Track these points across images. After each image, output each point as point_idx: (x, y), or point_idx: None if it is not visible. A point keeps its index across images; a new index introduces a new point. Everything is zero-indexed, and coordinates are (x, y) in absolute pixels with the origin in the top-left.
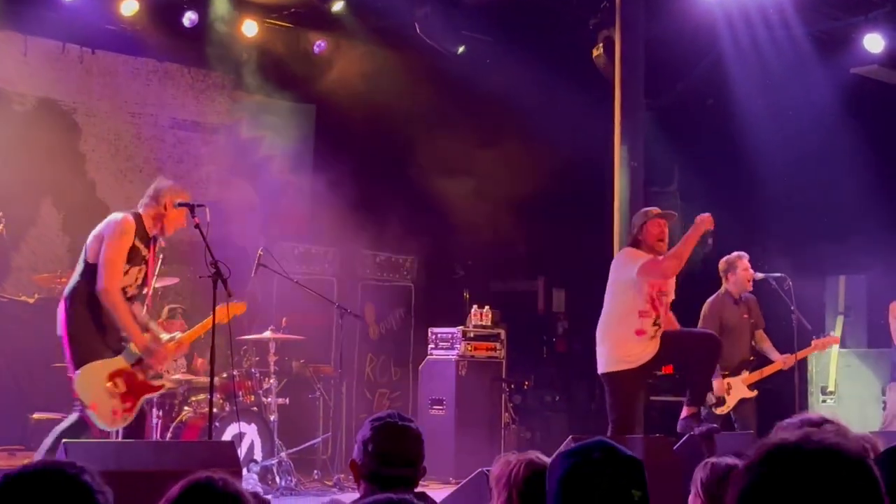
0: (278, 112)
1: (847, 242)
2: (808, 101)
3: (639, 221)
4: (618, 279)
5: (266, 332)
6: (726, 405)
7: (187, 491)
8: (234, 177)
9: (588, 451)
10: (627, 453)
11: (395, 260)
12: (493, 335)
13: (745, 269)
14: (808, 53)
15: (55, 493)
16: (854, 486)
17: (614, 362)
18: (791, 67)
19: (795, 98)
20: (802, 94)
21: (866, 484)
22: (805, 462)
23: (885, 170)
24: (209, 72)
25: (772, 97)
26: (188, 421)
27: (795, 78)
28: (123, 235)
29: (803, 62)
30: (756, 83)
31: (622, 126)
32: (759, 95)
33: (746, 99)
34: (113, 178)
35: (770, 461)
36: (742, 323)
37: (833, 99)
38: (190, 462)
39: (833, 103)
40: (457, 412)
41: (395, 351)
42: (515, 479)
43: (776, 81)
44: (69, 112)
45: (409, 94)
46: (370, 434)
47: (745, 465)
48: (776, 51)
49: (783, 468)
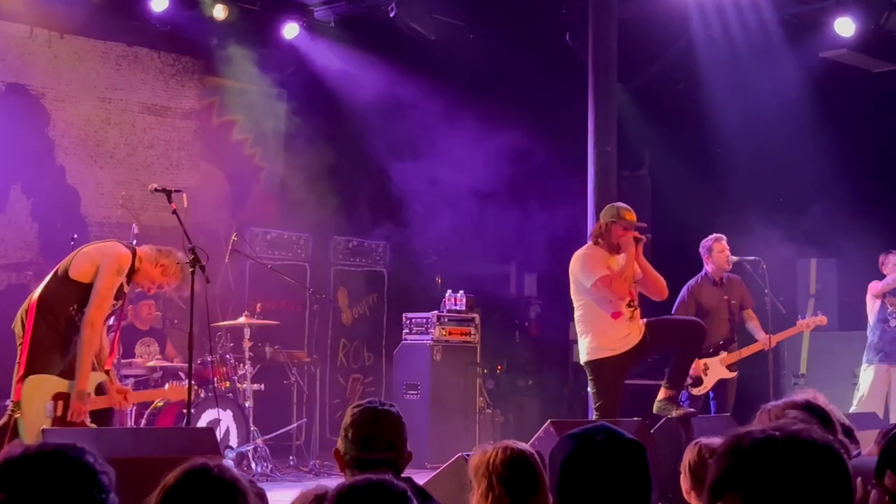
0: (249, 97)
1: (817, 226)
2: (778, 85)
3: (608, 219)
4: (577, 281)
5: (241, 318)
6: (703, 385)
7: (184, 478)
8: (205, 162)
9: (591, 435)
10: (629, 437)
11: (367, 245)
12: (468, 319)
13: (722, 251)
14: (778, 37)
15: (58, 475)
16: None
17: (598, 350)
18: (761, 51)
19: (765, 82)
20: (772, 78)
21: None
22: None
23: (854, 154)
24: (179, 56)
25: (742, 81)
26: (163, 407)
27: (765, 62)
28: (120, 273)
29: (773, 46)
30: (726, 67)
31: (595, 110)
32: (730, 79)
33: (717, 83)
34: (82, 163)
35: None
36: (721, 304)
37: (802, 83)
38: (169, 449)
39: (803, 87)
40: (431, 397)
41: (368, 336)
42: (494, 465)
43: (746, 65)
44: (38, 97)
45: (381, 79)
46: (350, 420)
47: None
48: (747, 35)
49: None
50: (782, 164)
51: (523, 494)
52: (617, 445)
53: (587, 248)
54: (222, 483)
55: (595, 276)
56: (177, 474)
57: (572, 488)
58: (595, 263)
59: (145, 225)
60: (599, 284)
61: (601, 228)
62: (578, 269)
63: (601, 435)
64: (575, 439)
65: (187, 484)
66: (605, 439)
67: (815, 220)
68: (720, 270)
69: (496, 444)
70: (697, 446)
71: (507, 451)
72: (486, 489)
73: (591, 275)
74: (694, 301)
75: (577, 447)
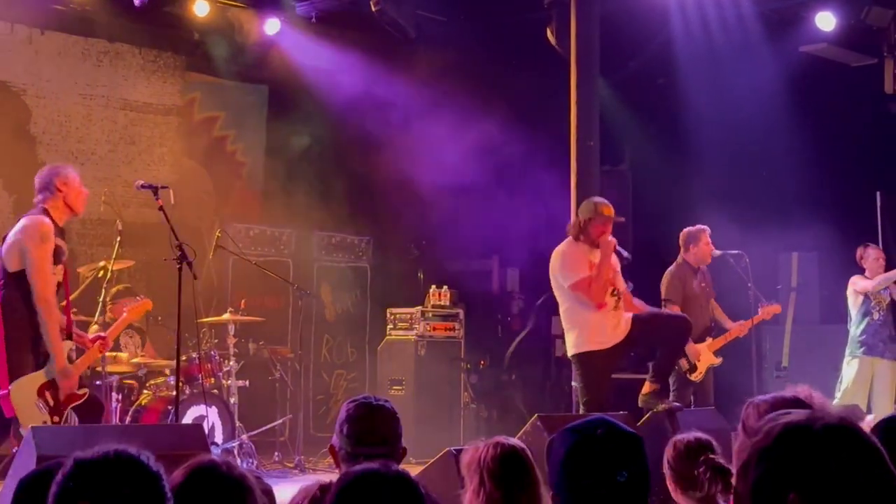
0: (231, 93)
1: (798, 220)
2: (758, 79)
3: (588, 214)
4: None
5: (226, 314)
6: (698, 371)
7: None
8: (188, 158)
9: (590, 428)
10: (628, 430)
11: (350, 241)
12: (452, 315)
13: (707, 244)
14: (758, 32)
15: (132, 481)
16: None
17: (585, 343)
18: (741, 46)
19: (745, 76)
20: (752, 72)
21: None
22: (825, 438)
23: (834, 148)
24: (161, 52)
25: (722, 75)
26: (147, 405)
27: (745, 56)
28: (45, 239)
29: (754, 41)
30: (707, 61)
31: (577, 104)
32: (710, 74)
33: (697, 77)
34: (64, 160)
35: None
36: (701, 292)
37: (782, 77)
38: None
39: (782, 82)
40: (416, 392)
41: (351, 332)
42: (485, 462)
43: (726, 60)
44: (18, 93)
45: (362, 74)
46: (345, 416)
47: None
48: (727, 29)
49: (804, 447)
50: (763, 158)
51: (515, 490)
52: (617, 438)
53: (567, 244)
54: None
55: (573, 278)
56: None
57: (574, 482)
58: (574, 263)
59: (128, 222)
60: (577, 287)
61: (580, 225)
62: (558, 267)
63: (601, 428)
64: (575, 433)
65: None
66: (605, 432)
67: (796, 215)
68: (701, 261)
69: (487, 441)
70: (672, 442)
71: (498, 447)
72: (478, 485)
73: (569, 276)
74: (682, 287)
75: (576, 441)
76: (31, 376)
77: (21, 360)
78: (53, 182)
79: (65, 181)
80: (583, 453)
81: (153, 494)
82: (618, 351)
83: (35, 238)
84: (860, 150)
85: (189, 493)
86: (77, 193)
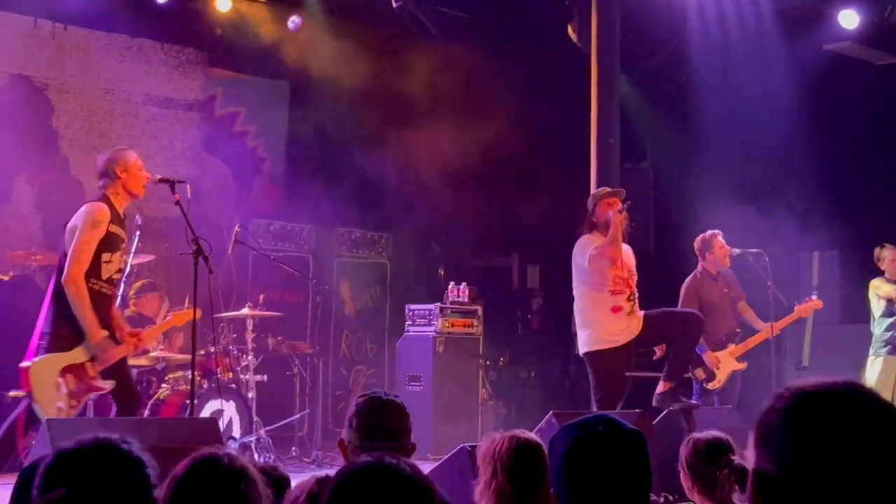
0: (252, 88)
1: (820, 219)
2: (781, 77)
3: (591, 205)
4: (578, 267)
5: (244, 309)
6: (717, 380)
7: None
8: (209, 153)
9: (592, 425)
10: (630, 427)
11: (370, 237)
12: (471, 311)
13: (722, 247)
14: (781, 30)
15: (110, 467)
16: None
17: (596, 342)
18: (764, 44)
19: (768, 74)
20: (774, 71)
21: None
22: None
23: (858, 146)
24: (183, 48)
25: (745, 73)
26: (166, 398)
27: (768, 54)
28: (98, 225)
29: (777, 39)
30: (729, 59)
31: (598, 102)
32: (733, 71)
33: (719, 74)
34: (86, 155)
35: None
36: (723, 298)
37: (806, 75)
38: (172, 439)
39: (806, 80)
40: (434, 388)
41: (370, 328)
42: (499, 454)
43: (749, 57)
44: (41, 88)
45: (384, 70)
46: (354, 410)
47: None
48: (750, 27)
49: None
50: (784, 156)
51: (527, 484)
52: (618, 435)
53: (584, 238)
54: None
55: (586, 254)
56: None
57: (573, 478)
58: (587, 244)
59: (148, 216)
60: (594, 255)
61: (590, 216)
62: (577, 252)
63: (602, 425)
64: (575, 430)
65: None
66: (605, 429)
67: (817, 213)
68: (719, 266)
69: (505, 433)
70: (690, 441)
71: (514, 440)
72: (491, 477)
73: (585, 252)
74: (697, 299)
75: (577, 438)
76: (61, 355)
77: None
78: (113, 169)
79: (124, 167)
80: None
81: (134, 479)
82: (630, 348)
83: (88, 222)
84: (882, 149)
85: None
86: (136, 178)
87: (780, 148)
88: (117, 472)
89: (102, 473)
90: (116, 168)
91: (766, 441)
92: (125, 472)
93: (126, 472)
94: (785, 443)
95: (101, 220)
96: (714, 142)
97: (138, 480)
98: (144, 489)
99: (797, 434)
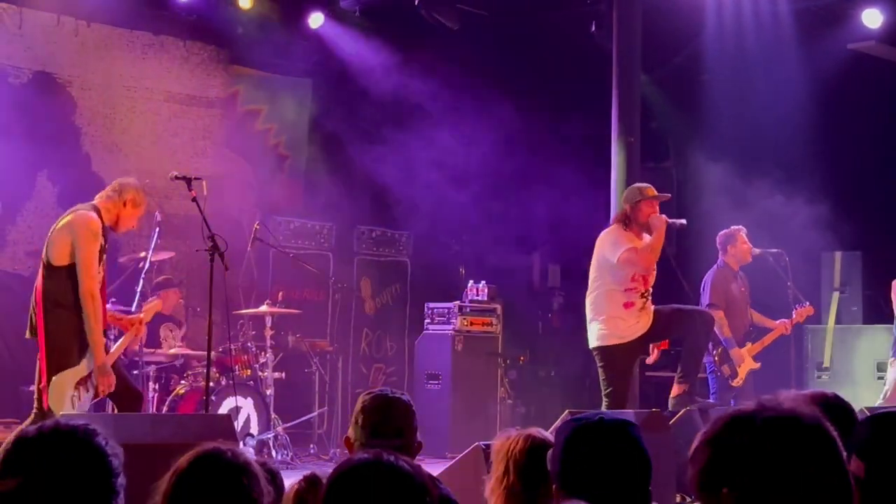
0: (274, 86)
1: (843, 219)
2: (805, 76)
3: (633, 198)
4: (603, 258)
5: (262, 307)
6: (739, 377)
7: (196, 462)
8: (230, 151)
9: (590, 417)
10: (627, 420)
11: (391, 235)
12: (489, 310)
13: (745, 243)
14: (805, 29)
15: (68, 455)
16: (812, 448)
17: (606, 337)
18: (788, 43)
19: (792, 74)
20: (799, 69)
21: (824, 446)
22: (763, 430)
23: (881, 146)
24: (205, 45)
25: (768, 72)
26: (185, 394)
27: (792, 53)
28: (95, 236)
29: (800, 38)
30: (751, 58)
31: (619, 101)
32: (755, 70)
33: (742, 74)
34: (108, 151)
35: (728, 432)
36: (741, 296)
37: (830, 75)
38: (186, 435)
39: (830, 79)
40: (452, 387)
41: (390, 326)
42: (513, 452)
43: (772, 57)
44: (64, 85)
45: (405, 68)
46: (360, 407)
47: (704, 439)
48: (773, 25)
49: (742, 437)
50: (808, 156)
51: (537, 486)
52: (616, 427)
53: (615, 229)
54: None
55: (623, 247)
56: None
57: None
58: (622, 239)
59: (169, 213)
60: (627, 255)
61: (627, 213)
62: (607, 243)
63: (599, 417)
64: (576, 421)
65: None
66: (600, 419)
67: (840, 213)
68: (741, 261)
69: (521, 431)
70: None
71: (529, 439)
72: (502, 474)
73: (619, 247)
74: (725, 290)
75: (576, 429)
76: (75, 369)
77: (64, 354)
78: (125, 195)
79: (134, 202)
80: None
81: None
82: (639, 343)
83: (87, 235)
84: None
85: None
86: (130, 218)
87: (802, 147)
88: (74, 458)
89: (58, 460)
90: (127, 195)
91: (692, 458)
92: (84, 459)
93: (85, 459)
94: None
95: (97, 231)
96: (737, 141)
97: (98, 468)
98: (105, 478)
99: (716, 466)
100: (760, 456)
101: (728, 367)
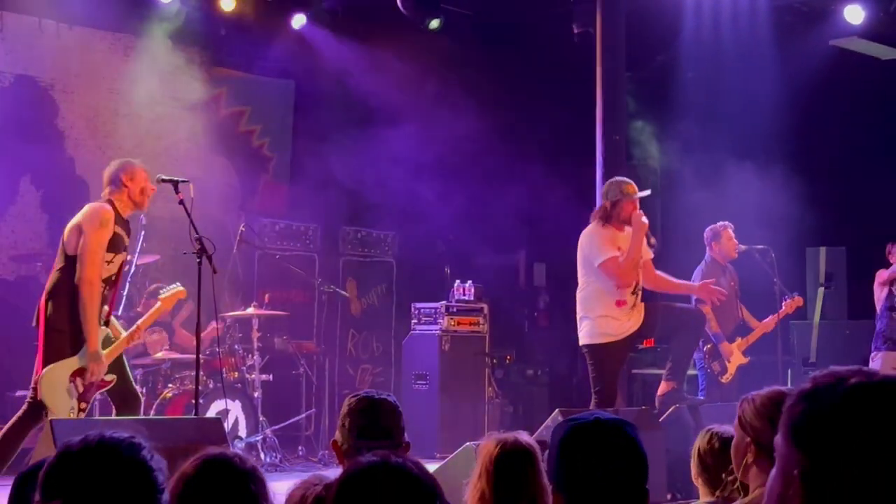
0: (257, 87)
1: (827, 214)
2: (787, 73)
3: (614, 196)
4: (588, 261)
5: (249, 309)
6: (728, 373)
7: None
8: (213, 153)
9: (585, 417)
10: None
11: (376, 235)
12: (476, 310)
13: (730, 239)
14: (787, 25)
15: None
16: None
17: (598, 335)
18: (770, 39)
19: (774, 70)
20: (781, 66)
21: None
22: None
23: (864, 142)
24: (187, 47)
25: (750, 69)
26: (172, 398)
27: (774, 50)
28: (105, 225)
29: (782, 34)
30: (735, 55)
31: (603, 99)
32: (738, 67)
33: (725, 71)
34: (91, 154)
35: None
36: (730, 290)
37: (812, 71)
38: (177, 438)
39: (812, 75)
40: (440, 387)
41: (377, 327)
42: (488, 457)
43: (755, 53)
44: (46, 88)
45: (389, 69)
46: (347, 410)
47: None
48: (755, 22)
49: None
50: (791, 152)
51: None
52: (612, 426)
53: (595, 226)
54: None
55: (604, 255)
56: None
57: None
58: (604, 241)
59: (154, 216)
60: (608, 265)
61: (608, 209)
62: (588, 245)
63: (594, 416)
64: (571, 421)
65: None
66: (597, 418)
67: (824, 209)
68: (727, 257)
69: (502, 435)
70: (709, 433)
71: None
72: (477, 479)
73: (600, 253)
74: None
75: (571, 429)
76: (67, 361)
77: (60, 345)
78: (119, 177)
79: (130, 176)
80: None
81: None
82: (630, 341)
83: (94, 222)
84: (889, 145)
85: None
86: (142, 189)
87: (786, 142)
88: (120, 476)
89: (106, 477)
90: (123, 176)
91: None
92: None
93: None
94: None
95: (108, 219)
96: (721, 138)
97: (145, 485)
98: (150, 494)
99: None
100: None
101: (718, 364)
